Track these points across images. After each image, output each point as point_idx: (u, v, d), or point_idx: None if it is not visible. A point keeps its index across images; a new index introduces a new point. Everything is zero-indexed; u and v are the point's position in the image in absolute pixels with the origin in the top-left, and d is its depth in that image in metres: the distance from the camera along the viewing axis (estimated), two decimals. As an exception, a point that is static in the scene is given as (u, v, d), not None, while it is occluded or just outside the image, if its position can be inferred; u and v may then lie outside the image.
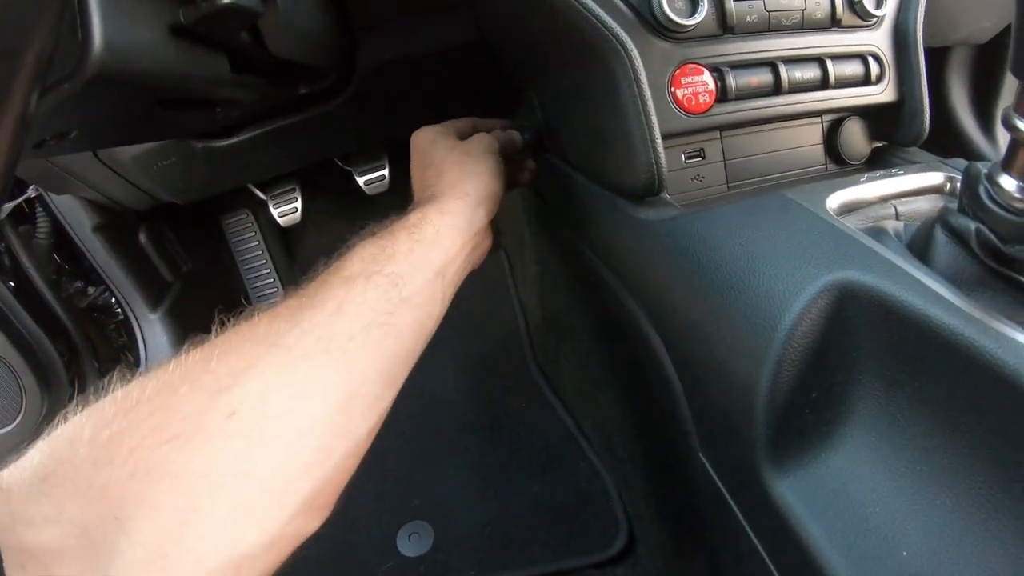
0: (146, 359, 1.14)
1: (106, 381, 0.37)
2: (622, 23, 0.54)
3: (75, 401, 0.36)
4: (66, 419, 0.35)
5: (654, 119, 0.55)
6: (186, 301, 1.20)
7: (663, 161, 0.55)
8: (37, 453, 0.33)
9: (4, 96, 0.25)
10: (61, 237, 1.05)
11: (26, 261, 0.97)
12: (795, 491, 0.41)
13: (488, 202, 0.60)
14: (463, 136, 0.68)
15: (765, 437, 0.42)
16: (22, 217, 1.03)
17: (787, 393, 0.41)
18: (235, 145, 0.83)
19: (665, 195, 0.59)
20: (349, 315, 0.44)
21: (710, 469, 0.51)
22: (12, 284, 0.96)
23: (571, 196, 0.71)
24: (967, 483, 0.35)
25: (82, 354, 1.04)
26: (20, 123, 0.26)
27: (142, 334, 1.14)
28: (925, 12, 0.65)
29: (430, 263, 0.51)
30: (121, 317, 1.14)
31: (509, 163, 0.69)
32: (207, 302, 1.28)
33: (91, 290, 1.11)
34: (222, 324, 0.42)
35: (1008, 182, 0.36)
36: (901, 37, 0.65)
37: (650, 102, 0.54)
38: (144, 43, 0.41)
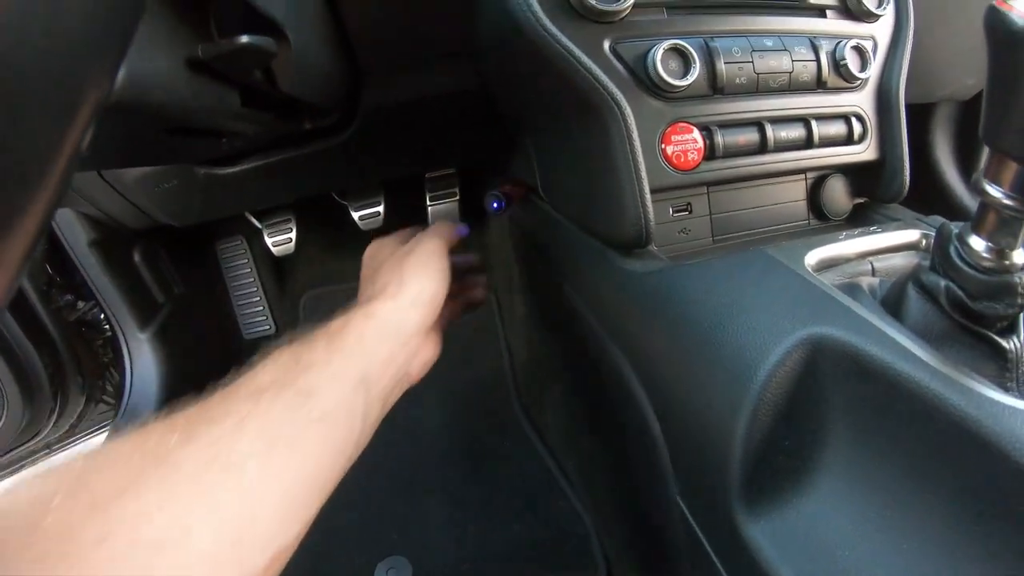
0: (132, 378, 1.13)
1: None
2: (618, 82, 0.56)
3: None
4: None
5: (644, 175, 0.57)
6: (175, 323, 1.20)
7: (651, 215, 0.57)
8: None
9: (57, 147, 0.26)
10: (55, 249, 1.06)
11: (18, 271, 0.97)
12: (767, 534, 0.42)
13: (425, 306, 0.56)
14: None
15: (740, 482, 0.43)
16: (17, 227, 1.04)
17: (761, 440, 0.43)
18: (237, 174, 0.84)
19: (652, 247, 0.61)
20: (251, 433, 0.39)
21: (687, 512, 0.52)
22: (2, 292, 0.96)
23: (561, 243, 0.72)
24: (932, 529, 0.36)
25: (67, 367, 1.04)
26: (68, 173, 0.27)
27: (129, 353, 1.13)
28: (909, 72, 0.68)
29: (349, 375, 0.47)
30: (109, 334, 1.14)
31: (459, 278, 0.66)
32: (196, 326, 1.29)
33: (81, 304, 1.11)
34: (116, 432, 0.38)
35: (977, 242, 0.38)
36: (884, 98, 0.68)
37: (641, 158, 0.57)
38: (162, 74, 0.43)
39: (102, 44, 0.27)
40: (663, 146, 0.59)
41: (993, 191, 0.36)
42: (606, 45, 0.58)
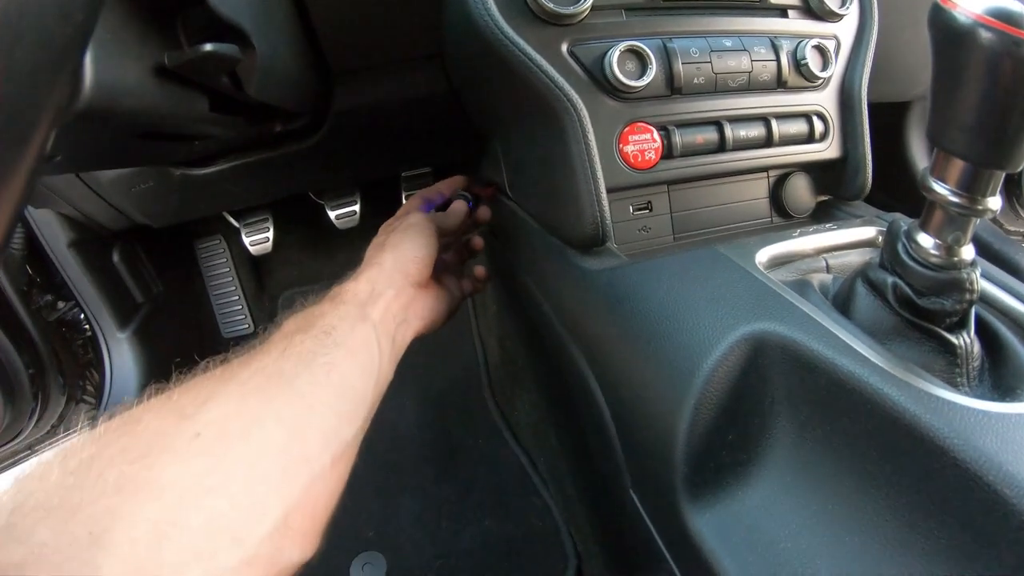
0: (111, 377, 1.14)
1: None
2: (574, 84, 0.57)
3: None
4: (35, 462, 0.35)
5: (600, 174, 0.58)
6: (155, 323, 1.20)
7: (607, 214, 0.58)
8: (2, 495, 0.32)
9: (18, 154, 0.28)
10: (34, 250, 1.05)
11: (-2, 271, 0.98)
12: (711, 526, 0.43)
13: (408, 265, 0.63)
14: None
15: (684, 475, 0.44)
16: (-4, 227, 1.04)
17: (705, 434, 0.44)
18: (211, 175, 0.85)
19: (611, 245, 0.62)
20: (293, 358, 0.47)
21: (639, 505, 0.53)
22: (-18, 292, 0.96)
23: (526, 241, 0.73)
24: (874, 521, 0.37)
25: (48, 368, 1.04)
26: (33, 174, 0.29)
27: (109, 352, 1.14)
28: (883, 71, 0.69)
29: (355, 315, 0.55)
30: (89, 334, 1.14)
31: (455, 244, 0.80)
32: (176, 325, 1.29)
33: (61, 305, 1.11)
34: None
35: (925, 239, 0.39)
36: (846, 97, 0.69)
37: (597, 158, 0.58)
38: (130, 83, 0.44)
39: (56, 56, 0.29)
40: (621, 146, 0.60)
41: (939, 188, 0.37)
42: (564, 47, 0.59)
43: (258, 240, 1.25)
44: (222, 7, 0.47)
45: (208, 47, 0.46)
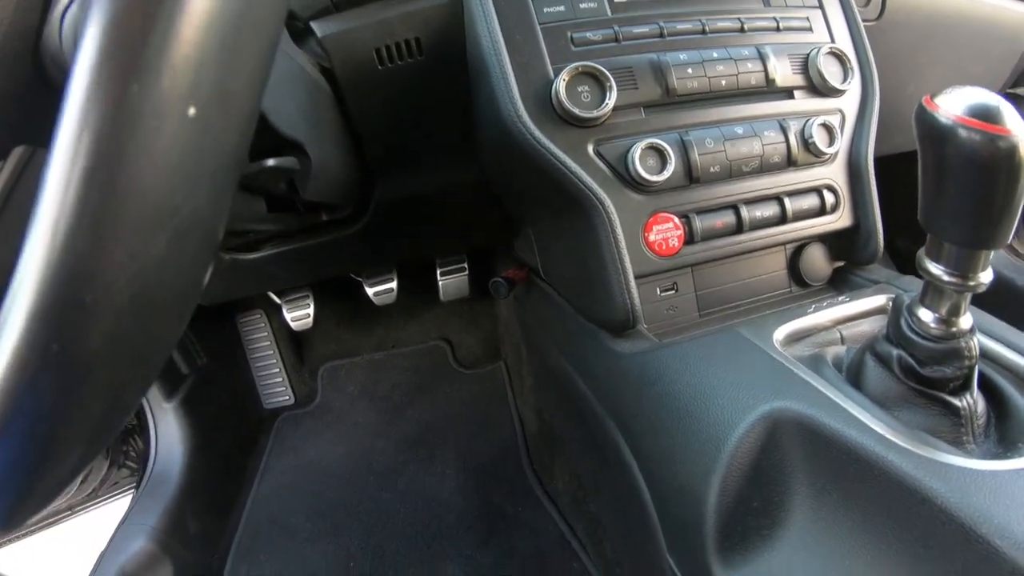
0: (156, 445, 1.17)
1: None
2: (601, 181, 0.62)
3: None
4: None
5: (628, 264, 0.62)
6: (199, 394, 1.24)
7: (637, 301, 0.62)
8: None
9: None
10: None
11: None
12: None
13: None
14: None
15: (715, 539, 0.48)
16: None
17: (732, 501, 0.47)
18: (259, 259, 0.89)
19: (641, 327, 0.66)
20: None
21: (675, 567, 0.56)
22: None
23: (559, 322, 0.77)
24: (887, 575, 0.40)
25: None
26: None
27: (154, 421, 1.18)
28: (894, 123, 0.72)
29: None
30: (135, 402, 1.18)
31: None
32: (218, 396, 1.33)
33: (107, 374, 1.16)
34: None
35: (925, 314, 0.43)
36: (854, 168, 0.72)
37: (625, 249, 0.62)
38: None
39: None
40: (646, 235, 0.64)
41: (934, 269, 0.41)
42: (590, 148, 0.63)
43: (299, 316, 1.30)
44: (282, 125, 0.52)
45: (271, 162, 0.52)
